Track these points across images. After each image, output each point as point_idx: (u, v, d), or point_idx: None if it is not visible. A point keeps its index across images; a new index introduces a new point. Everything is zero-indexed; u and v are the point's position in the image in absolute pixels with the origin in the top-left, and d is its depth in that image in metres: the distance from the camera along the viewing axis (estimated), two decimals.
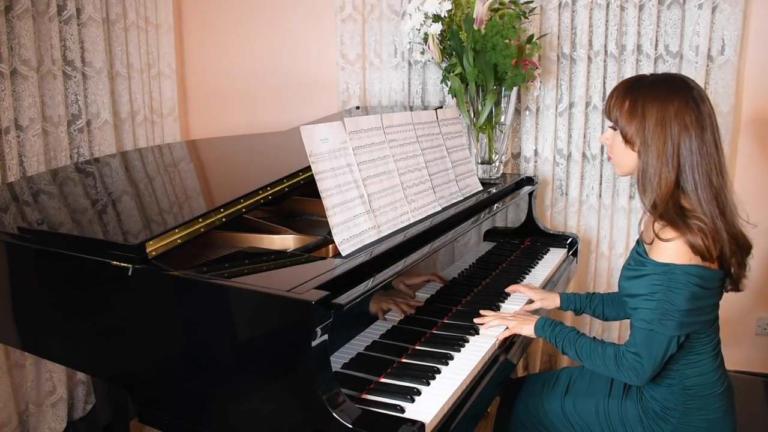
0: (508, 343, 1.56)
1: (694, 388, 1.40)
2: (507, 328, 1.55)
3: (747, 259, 1.40)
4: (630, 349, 1.36)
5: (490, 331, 1.55)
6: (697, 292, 1.31)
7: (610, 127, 1.44)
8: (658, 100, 1.35)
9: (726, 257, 1.35)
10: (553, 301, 1.76)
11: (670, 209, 1.33)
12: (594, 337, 1.47)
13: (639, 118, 1.36)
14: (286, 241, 1.57)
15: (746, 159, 2.49)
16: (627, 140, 1.39)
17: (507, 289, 1.81)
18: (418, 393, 1.25)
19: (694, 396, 1.40)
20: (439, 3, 2.20)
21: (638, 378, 1.36)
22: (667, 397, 1.42)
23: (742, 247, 1.37)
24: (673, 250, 1.31)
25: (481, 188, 2.09)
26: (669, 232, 1.32)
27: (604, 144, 1.49)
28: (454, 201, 1.90)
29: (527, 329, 1.54)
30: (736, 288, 1.42)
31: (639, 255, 1.42)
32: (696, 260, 1.31)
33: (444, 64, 2.32)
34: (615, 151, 1.44)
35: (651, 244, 1.36)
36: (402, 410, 1.19)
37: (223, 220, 1.43)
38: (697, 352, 1.39)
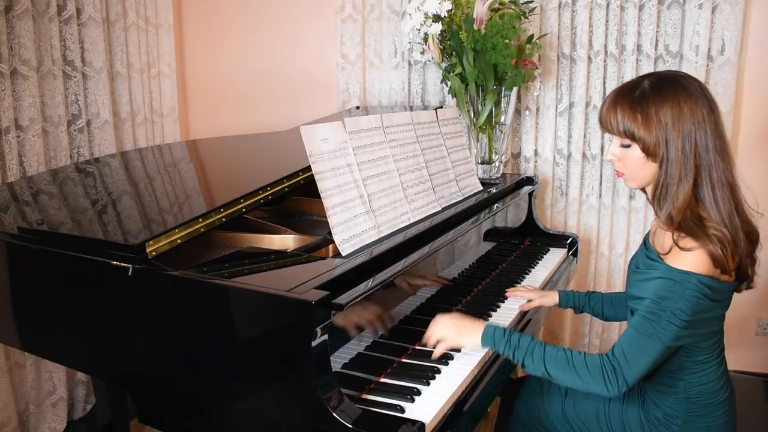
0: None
1: (699, 396, 1.38)
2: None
3: (756, 253, 1.35)
4: (616, 353, 1.27)
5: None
6: (703, 304, 1.26)
7: (622, 146, 1.33)
8: (668, 101, 1.27)
9: (743, 265, 1.30)
10: (551, 298, 1.76)
11: (687, 219, 1.27)
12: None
13: (655, 125, 1.27)
14: (286, 241, 1.57)
15: (746, 159, 2.49)
16: (649, 152, 1.30)
17: (507, 293, 1.80)
18: (418, 393, 1.25)
19: (699, 404, 1.38)
20: (439, 3, 2.20)
21: (614, 387, 1.25)
22: (670, 404, 1.41)
23: (753, 242, 1.33)
24: (692, 259, 1.25)
25: (481, 188, 2.09)
26: (689, 242, 1.26)
27: (612, 162, 1.38)
28: (454, 201, 1.89)
29: (470, 340, 1.38)
30: (749, 286, 1.37)
31: (650, 259, 1.36)
32: (715, 272, 1.26)
33: (444, 64, 2.32)
34: (630, 167, 1.35)
35: (667, 254, 1.30)
36: (402, 410, 1.19)
37: (223, 220, 1.43)
38: (703, 361, 1.36)
